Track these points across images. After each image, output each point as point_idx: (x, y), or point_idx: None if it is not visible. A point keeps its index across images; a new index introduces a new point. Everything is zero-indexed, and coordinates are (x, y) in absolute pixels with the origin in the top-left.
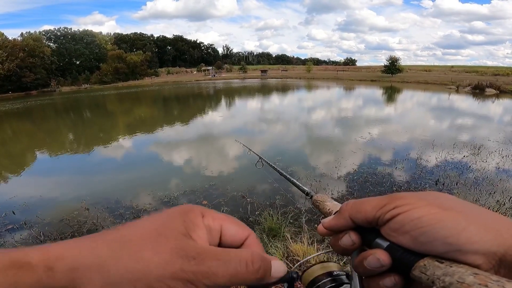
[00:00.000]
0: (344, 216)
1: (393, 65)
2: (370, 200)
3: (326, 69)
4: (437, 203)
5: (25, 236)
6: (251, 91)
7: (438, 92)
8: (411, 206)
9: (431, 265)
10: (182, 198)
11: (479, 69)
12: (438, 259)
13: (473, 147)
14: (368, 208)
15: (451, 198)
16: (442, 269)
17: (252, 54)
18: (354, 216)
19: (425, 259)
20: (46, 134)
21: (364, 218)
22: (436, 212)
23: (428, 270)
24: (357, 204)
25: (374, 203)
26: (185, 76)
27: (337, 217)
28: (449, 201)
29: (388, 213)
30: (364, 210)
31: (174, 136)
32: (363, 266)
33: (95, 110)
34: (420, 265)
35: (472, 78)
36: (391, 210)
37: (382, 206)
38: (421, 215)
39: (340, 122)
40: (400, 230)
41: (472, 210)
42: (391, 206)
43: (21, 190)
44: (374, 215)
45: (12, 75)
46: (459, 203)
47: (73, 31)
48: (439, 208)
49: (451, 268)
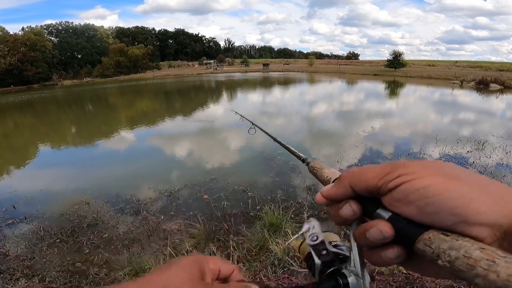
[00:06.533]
0: (344, 184)
1: (397, 60)
2: (372, 168)
3: (328, 63)
4: (443, 172)
5: (25, 231)
6: (252, 84)
7: (441, 87)
8: (416, 175)
9: (436, 238)
10: (183, 191)
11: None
12: (443, 232)
13: (477, 142)
14: (370, 176)
15: (457, 167)
16: (448, 242)
17: (254, 47)
18: (355, 185)
19: (430, 231)
20: (48, 127)
21: (366, 186)
22: (442, 182)
23: (433, 243)
24: (358, 172)
25: (376, 171)
26: (187, 70)
27: (337, 185)
28: (456, 170)
29: (392, 182)
30: (366, 179)
31: (175, 129)
32: (364, 238)
33: (96, 103)
34: (424, 238)
35: (477, 73)
36: (395, 179)
37: (385, 174)
38: (427, 184)
39: (342, 115)
40: (404, 200)
41: (479, 180)
42: (395, 175)
43: (22, 184)
44: (376, 184)
45: (13, 69)
46: (466, 173)
47: (74, 25)
48: (445, 177)
49: (457, 241)
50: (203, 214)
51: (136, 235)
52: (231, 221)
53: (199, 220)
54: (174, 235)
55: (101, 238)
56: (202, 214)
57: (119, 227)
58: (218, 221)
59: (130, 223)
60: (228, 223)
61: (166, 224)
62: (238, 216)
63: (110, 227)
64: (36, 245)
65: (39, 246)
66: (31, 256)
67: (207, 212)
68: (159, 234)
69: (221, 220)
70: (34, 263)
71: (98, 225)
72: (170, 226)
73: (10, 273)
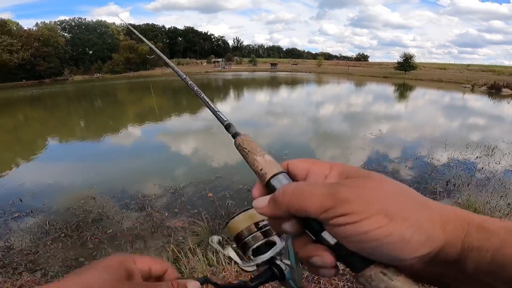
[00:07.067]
0: (281, 208)
1: (407, 62)
2: (310, 195)
3: (337, 64)
4: (384, 210)
5: (31, 225)
6: (259, 83)
7: (452, 91)
8: (358, 216)
9: (376, 276)
10: (188, 189)
11: (496, 68)
12: (382, 270)
13: (486, 148)
14: (311, 207)
15: (396, 195)
16: (385, 282)
17: (263, 47)
18: (293, 211)
19: (371, 268)
20: (57, 121)
21: (305, 215)
22: (384, 225)
23: (373, 281)
24: (296, 198)
25: (317, 201)
26: (195, 67)
27: (273, 207)
28: (396, 203)
29: (334, 220)
30: (305, 208)
31: (182, 126)
32: (306, 258)
33: (105, 98)
34: (366, 275)
35: (489, 78)
36: (338, 217)
37: (327, 208)
38: (369, 229)
39: (349, 117)
40: (347, 239)
41: (415, 211)
42: (337, 213)
43: (29, 177)
44: (318, 216)
45: (26, 64)
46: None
47: (87, 22)
48: (386, 218)
49: (391, 282)
50: (207, 212)
51: (140, 232)
52: None
53: (203, 218)
54: (177, 232)
55: (105, 234)
56: (206, 212)
57: (123, 223)
58: (222, 220)
59: (135, 219)
60: None
61: (170, 221)
62: None
63: (114, 222)
64: (41, 239)
65: (44, 240)
66: (35, 250)
67: (211, 210)
68: (162, 231)
69: (225, 219)
70: (37, 258)
71: (103, 220)
72: (174, 223)
73: (13, 267)
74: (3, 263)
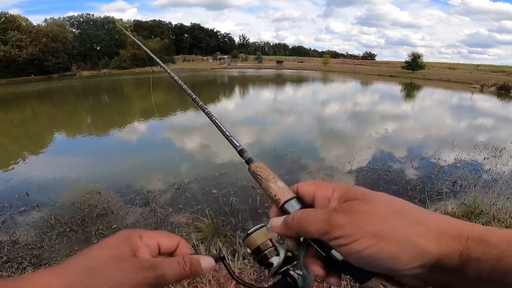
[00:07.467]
0: (292, 231)
1: (415, 62)
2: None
3: (343, 62)
4: (373, 232)
5: (36, 219)
6: (265, 81)
7: (460, 91)
8: (350, 239)
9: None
10: (192, 185)
11: (506, 69)
12: (382, 282)
13: (494, 149)
14: (313, 231)
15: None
16: None
17: (269, 44)
18: (302, 234)
19: (372, 280)
20: (64, 116)
21: (310, 237)
22: (373, 245)
23: None
24: (302, 222)
25: (316, 227)
26: (201, 64)
27: (286, 229)
28: (386, 224)
29: (332, 242)
30: (310, 232)
31: (187, 122)
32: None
33: (112, 94)
34: (368, 286)
35: (498, 78)
36: (334, 239)
37: (324, 233)
38: (361, 248)
39: (355, 116)
40: (348, 257)
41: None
42: (332, 236)
43: (36, 171)
44: (321, 238)
45: (35, 59)
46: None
47: (95, 18)
48: (375, 237)
49: None
50: (211, 209)
51: (144, 227)
52: (239, 217)
53: (206, 214)
54: (181, 228)
55: (109, 229)
56: (210, 209)
57: (127, 218)
58: (225, 216)
59: (139, 214)
60: (235, 219)
61: (174, 216)
62: (246, 212)
63: (119, 217)
64: (46, 234)
65: (49, 234)
66: (39, 245)
67: (215, 207)
68: (166, 226)
69: (229, 216)
70: (42, 252)
71: (108, 215)
72: (178, 219)
73: (17, 262)
74: (8, 257)
